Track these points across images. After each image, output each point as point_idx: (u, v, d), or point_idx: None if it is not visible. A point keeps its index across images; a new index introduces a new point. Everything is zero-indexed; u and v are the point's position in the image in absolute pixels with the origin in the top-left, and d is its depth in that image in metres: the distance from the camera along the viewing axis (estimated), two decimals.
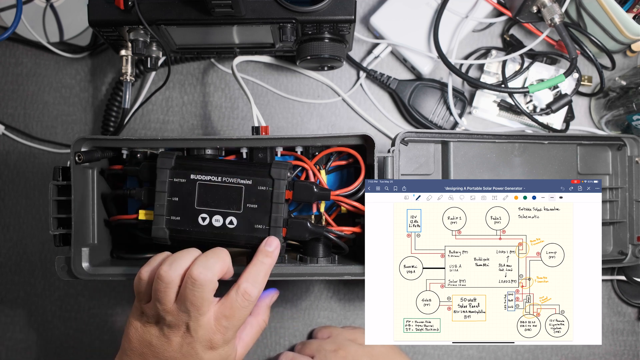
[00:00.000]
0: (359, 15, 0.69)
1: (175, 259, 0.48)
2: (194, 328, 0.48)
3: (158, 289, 0.47)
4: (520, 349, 0.68)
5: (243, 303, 0.48)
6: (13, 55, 0.69)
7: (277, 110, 0.69)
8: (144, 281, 0.49)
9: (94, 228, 0.56)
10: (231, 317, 0.48)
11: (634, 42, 0.64)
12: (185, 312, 0.47)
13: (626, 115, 0.65)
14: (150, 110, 0.69)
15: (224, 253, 0.49)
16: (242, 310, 0.48)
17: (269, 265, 0.50)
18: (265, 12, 0.54)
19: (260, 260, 0.50)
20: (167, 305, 0.47)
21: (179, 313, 0.47)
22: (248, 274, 0.49)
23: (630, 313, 0.69)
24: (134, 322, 0.50)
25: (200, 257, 0.48)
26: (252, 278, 0.49)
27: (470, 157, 0.58)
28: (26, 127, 0.69)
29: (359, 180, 0.54)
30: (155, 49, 0.61)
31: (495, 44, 0.70)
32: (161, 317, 0.48)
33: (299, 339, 0.68)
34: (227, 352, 0.50)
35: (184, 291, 0.47)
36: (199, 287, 0.46)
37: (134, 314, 0.50)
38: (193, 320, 0.47)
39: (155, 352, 0.49)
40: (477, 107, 0.68)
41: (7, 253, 0.69)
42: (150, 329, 0.49)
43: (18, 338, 0.69)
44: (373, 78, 0.68)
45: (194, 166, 0.52)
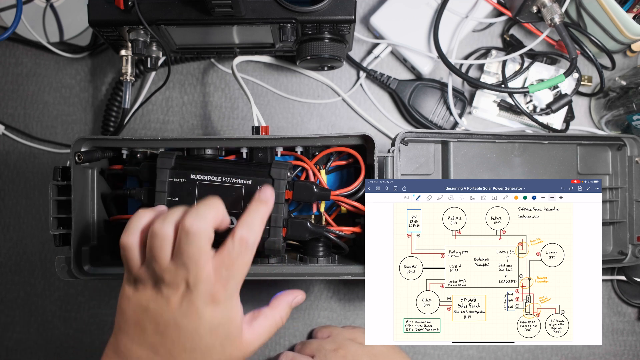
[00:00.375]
0: (359, 15, 0.69)
1: (167, 214, 0.46)
2: (194, 283, 0.45)
3: (153, 246, 0.45)
4: (520, 349, 0.68)
5: (241, 250, 0.46)
6: (13, 55, 0.69)
7: (277, 110, 0.69)
8: (129, 248, 0.46)
9: (94, 228, 0.56)
10: (231, 265, 0.46)
11: (634, 42, 0.64)
12: (184, 267, 0.45)
13: (626, 115, 0.65)
14: (150, 110, 0.69)
15: (217, 201, 0.47)
16: (241, 257, 0.46)
17: (265, 212, 0.48)
18: (265, 12, 0.54)
19: (255, 207, 0.48)
20: (163, 262, 0.45)
21: (176, 269, 0.45)
22: (243, 220, 0.47)
23: (630, 313, 0.69)
24: (126, 291, 0.47)
25: (191, 208, 0.46)
26: (247, 224, 0.46)
27: (470, 157, 0.58)
28: (26, 127, 0.69)
29: (359, 180, 0.54)
30: (155, 49, 0.61)
31: (495, 44, 0.70)
32: (158, 276, 0.46)
33: (299, 338, 0.68)
34: (229, 309, 0.47)
35: (179, 245, 0.45)
36: (193, 238, 0.44)
37: (125, 284, 0.48)
38: (192, 275, 0.45)
39: (153, 317, 0.46)
40: (477, 107, 0.68)
41: (7, 253, 0.69)
42: (145, 293, 0.47)
43: (18, 338, 0.69)
44: (373, 78, 0.68)
45: (194, 166, 0.52)
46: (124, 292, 0.48)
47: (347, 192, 0.54)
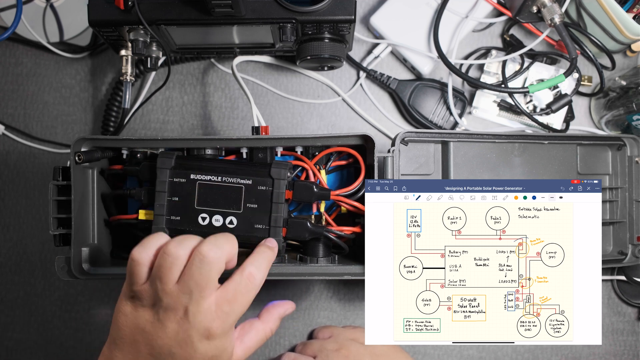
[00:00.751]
0: (359, 15, 0.69)
1: (183, 238, 0.46)
2: (193, 313, 0.45)
3: (162, 264, 0.45)
4: (520, 349, 0.68)
5: (247, 286, 0.46)
6: (13, 55, 0.69)
7: (277, 110, 0.69)
8: (139, 263, 0.46)
9: (94, 228, 0.56)
10: (234, 301, 0.46)
11: (634, 42, 0.64)
12: (187, 294, 0.45)
13: (626, 115, 0.65)
14: (150, 110, 0.69)
15: (233, 237, 0.48)
16: (246, 294, 0.46)
17: (271, 257, 0.49)
18: (265, 12, 0.54)
19: (263, 250, 0.49)
20: (168, 284, 0.45)
21: (179, 294, 0.45)
22: (252, 259, 0.48)
23: (630, 313, 0.69)
24: (124, 307, 0.47)
25: (210, 237, 0.46)
26: (257, 263, 0.47)
27: (470, 157, 0.58)
28: (26, 127, 0.69)
29: (359, 180, 0.54)
30: (155, 49, 0.61)
31: (495, 44, 0.70)
32: (158, 298, 0.45)
33: (299, 339, 0.68)
34: (223, 344, 0.47)
35: (189, 269, 0.45)
36: (207, 265, 0.44)
37: (124, 298, 0.47)
38: (193, 304, 0.45)
39: (149, 339, 0.46)
40: (477, 107, 0.68)
41: (7, 253, 0.69)
42: (143, 313, 0.46)
43: (18, 338, 0.69)
44: (373, 78, 0.68)
45: (194, 166, 0.52)
46: (121, 307, 0.47)
47: (347, 192, 0.54)
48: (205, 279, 0.45)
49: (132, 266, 0.46)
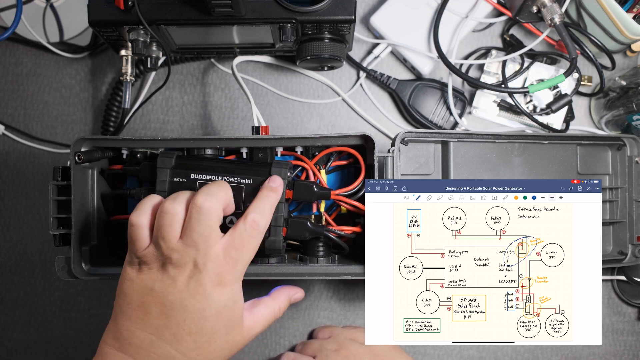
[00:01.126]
0: (359, 15, 0.69)
1: (177, 194, 0.47)
2: (203, 262, 0.45)
3: (162, 224, 0.45)
4: (520, 349, 0.68)
5: (252, 232, 0.47)
6: (13, 55, 0.69)
7: (277, 110, 0.69)
8: (139, 226, 0.46)
9: (94, 228, 0.56)
10: (240, 247, 0.46)
11: (634, 42, 0.64)
12: (193, 246, 0.45)
13: (626, 115, 0.65)
14: (150, 110, 0.69)
15: (225, 184, 0.48)
16: (251, 240, 0.47)
17: (274, 199, 0.50)
18: (265, 12, 0.55)
19: (266, 194, 0.49)
20: (172, 241, 0.45)
21: (185, 248, 0.45)
22: (255, 205, 0.48)
23: (630, 313, 0.69)
24: (129, 274, 0.47)
25: (202, 188, 0.47)
26: (260, 208, 0.48)
27: (470, 157, 0.58)
28: (26, 127, 0.69)
29: (359, 180, 0.54)
30: (155, 49, 0.61)
31: (495, 44, 0.70)
32: (166, 257, 0.45)
33: (299, 339, 0.68)
34: (234, 291, 0.47)
35: (189, 223, 0.45)
36: (204, 215, 0.45)
37: (128, 266, 0.47)
38: (201, 255, 0.45)
39: (159, 297, 0.46)
40: (477, 107, 0.68)
41: (7, 253, 0.69)
42: (150, 274, 0.46)
43: (18, 338, 0.69)
44: (373, 78, 0.68)
45: (194, 166, 0.52)
46: (127, 274, 0.47)
47: (347, 192, 0.54)
48: (207, 229, 0.45)
49: (132, 231, 0.47)
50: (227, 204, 0.48)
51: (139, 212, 0.47)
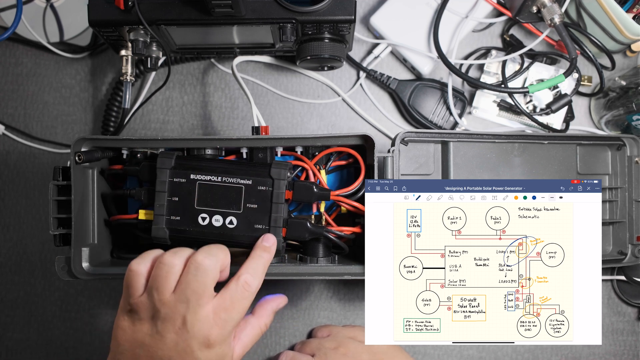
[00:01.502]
0: (359, 15, 0.69)
1: (178, 249, 0.47)
2: (191, 322, 0.45)
3: (158, 274, 0.46)
4: (520, 349, 0.68)
5: (243, 294, 0.47)
6: (13, 55, 0.69)
7: (277, 110, 0.69)
8: (137, 273, 0.47)
9: (94, 228, 0.56)
10: (231, 309, 0.46)
11: (633, 42, 0.64)
12: (184, 302, 0.45)
13: (626, 115, 0.65)
14: (150, 110, 0.69)
15: (225, 248, 0.49)
16: (242, 301, 0.47)
17: (267, 259, 0.50)
18: (265, 12, 0.54)
19: (259, 254, 0.50)
20: (165, 294, 0.45)
21: (176, 304, 0.45)
22: (247, 265, 0.48)
23: (630, 313, 0.69)
24: (122, 322, 0.48)
25: (203, 247, 0.48)
26: (252, 269, 0.48)
27: (470, 157, 0.58)
28: (26, 127, 0.69)
29: (359, 180, 0.54)
30: (155, 49, 0.61)
31: (495, 44, 0.70)
32: (156, 309, 0.46)
33: (298, 338, 0.68)
34: (223, 351, 0.47)
35: (185, 277, 0.45)
36: (202, 272, 0.45)
37: (121, 314, 0.48)
38: (191, 312, 0.45)
39: (149, 352, 0.46)
40: (477, 107, 0.68)
41: (7, 253, 0.69)
42: (141, 326, 0.47)
43: (18, 338, 0.69)
44: (373, 78, 0.68)
45: (194, 166, 0.52)
46: (120, 323, 0.48)
47: (347, 192, 0.54)
48: (202, 287, 0.45)
49: (129, 277, 0.47)
50: (224, 267, 0.48)
51: (140, 259, 0.48)
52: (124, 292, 0.48)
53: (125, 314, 0.48)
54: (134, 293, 0.47)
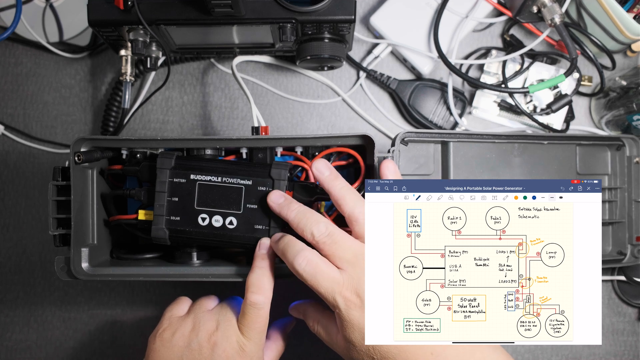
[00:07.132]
0: (359, 15, 0.69)
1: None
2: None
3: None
4: (520, 349, 0.68)
5: (257, 312, 0.50)
6: (13, 55, 0.69)
7: (277, 110, 0.69)
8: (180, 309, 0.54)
9: (93, 228, 0.56)
10: (252, 325, 0.50)
11: (634, 42, 0.64)
12: None
13: (626, 115, 0.65)
14: (150, 110, 0.69)
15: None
16: (259, 318, 0.50)
17: (268, 267, 0.50)
18: (265, 12, 0.54)
19: (257, 264, 0.50)
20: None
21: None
22: (250, 282, 0.50)
23: (631, 313, 0.69)
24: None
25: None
26: (255, 286, 0.49)
27: (470, 157, 0.58)
28: (26, 127, 0.69)
29: (359, 180, 0.54)
30: (155, 49, 0.61)
31: (495, 44, 0.70)
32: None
33: (298, 338, 0.68)
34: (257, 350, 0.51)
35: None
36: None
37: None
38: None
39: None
40: (477, 107, 0.68)
41: (7, 253, 0.69)
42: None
43: (18, 338, 0.69)
44: (373, 78, 0.68)
45: (193, 166, 0.52)
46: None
47: None
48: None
49: (170, 312, 0.54)
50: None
51: (177, 304, 0.55)
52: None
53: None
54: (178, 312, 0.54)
